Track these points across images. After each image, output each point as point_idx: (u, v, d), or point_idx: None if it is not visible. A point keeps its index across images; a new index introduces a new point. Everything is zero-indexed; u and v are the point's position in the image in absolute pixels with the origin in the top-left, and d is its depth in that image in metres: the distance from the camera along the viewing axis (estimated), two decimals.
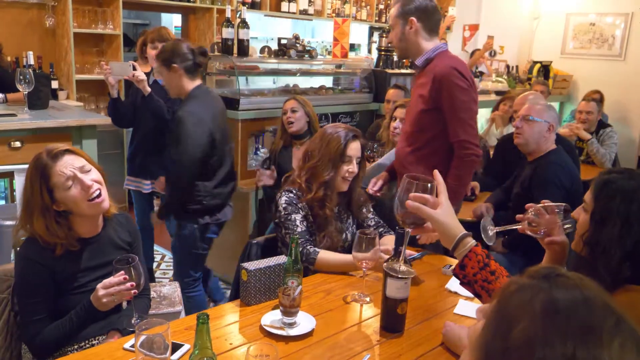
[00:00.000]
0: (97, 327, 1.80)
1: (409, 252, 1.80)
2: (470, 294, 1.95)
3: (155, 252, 4.15)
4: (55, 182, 1.69)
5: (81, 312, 1.72)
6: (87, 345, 1.75)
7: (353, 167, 2.20)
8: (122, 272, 1.65)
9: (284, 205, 2.18)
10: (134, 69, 3.15)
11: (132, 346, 1.48)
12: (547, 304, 0.72)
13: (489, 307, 0.79)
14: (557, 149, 2.94)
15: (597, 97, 4.97)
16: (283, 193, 2.21)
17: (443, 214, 1.38)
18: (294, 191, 2.21)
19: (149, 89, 3.19)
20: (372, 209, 2.38)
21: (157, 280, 3.98)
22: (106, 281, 1.66)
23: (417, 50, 2.53)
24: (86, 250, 1.80)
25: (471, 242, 1.39)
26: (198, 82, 2.84)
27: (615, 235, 1.39)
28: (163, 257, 4.42)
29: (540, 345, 0.69)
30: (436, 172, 1.42)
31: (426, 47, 2.51)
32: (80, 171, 1.72)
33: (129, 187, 3.61)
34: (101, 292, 1.65)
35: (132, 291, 1.65)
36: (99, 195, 1.74)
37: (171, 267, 4.17)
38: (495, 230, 1.81)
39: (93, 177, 1.74)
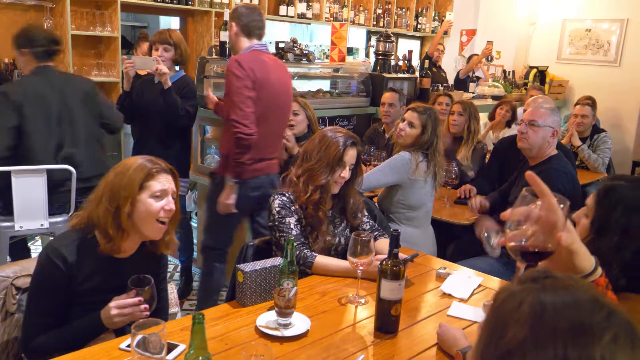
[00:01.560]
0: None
1: (401, 255, 1.81)
2: (464, 296, 1.98)
3: None
4: (150, 185, 1.70)
5: (87, 324, 1.68)
6: None
7: (345, 173, 2.22)
8: (136, 293, 1.62)
9: (277, 209, 2.19)
10: (157, 63, 3.27)
11: (128, 346, 1.49)
12: (536, 306, 0.72)
13: (483, 319, 0.79)
14: (558, 155, 2.94)
15: (589, 102, 5.00)
16: (276, 196, 2.22)
17: (577, 239, 1.09)
18: (287, 194, 2.22)
19: (169, 83, 3.30)
20: (366, 213, 2.40)
21: None
22: (121, 301, 1.63)
23: (238, 48, 2.99)
24: (112, 269, 1.75)
25: (599, 271, 1.14)
26: (44, 64, 3.02)
27: (613, 246, 1.35)
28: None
29: (532, 348, 0.69)
30: (537, 180, 1.05)
31: (243, 46, 2.96)
32: (172, 195, 1.76)
33: None
34: (114, 311, 1.62)
35: (145, 313, 1.63)
36: (165, 224, 1.75)
37: (169, 270, 4.16)
38: (498, 241, 1.66)
39: (174, 207, 1.76)
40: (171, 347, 1.53)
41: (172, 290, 2.67)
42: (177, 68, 3.59)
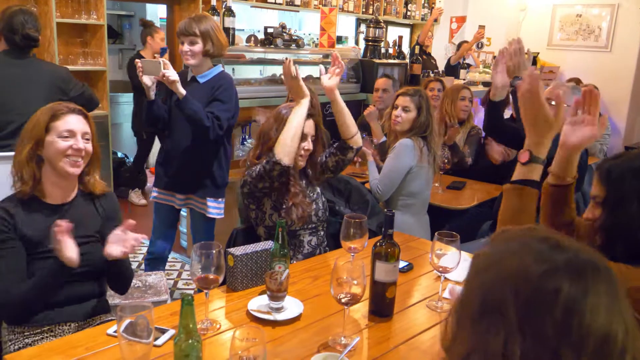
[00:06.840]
0: (74, 313, 1.79)
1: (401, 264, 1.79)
2: (459, 279, 1.95)
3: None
4: (56, 125, 1.76)
5: (54, 267, 1.68)
6: (59, 330, 1.75)
7: (308, 145, 2.26)
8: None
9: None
10: (164, 67, 2.63)
11: (116, 332, 1.45)
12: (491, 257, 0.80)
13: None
14: None
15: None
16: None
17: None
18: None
19: (183, 92, 2.67)
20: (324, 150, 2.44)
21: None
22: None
23: None
24: (54, 216, 1.76)
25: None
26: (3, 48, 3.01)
27: (634, 212, 1.35)
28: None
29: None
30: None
31: None
32: (83, 135, 1.79)
33: (157, 201, 3.05)
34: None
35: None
36: (77, 162, 1.78)
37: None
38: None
39: (88, 147, 1.80)
40: (160, 332, 1.49)
41: (162, 278, 2.64)
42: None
